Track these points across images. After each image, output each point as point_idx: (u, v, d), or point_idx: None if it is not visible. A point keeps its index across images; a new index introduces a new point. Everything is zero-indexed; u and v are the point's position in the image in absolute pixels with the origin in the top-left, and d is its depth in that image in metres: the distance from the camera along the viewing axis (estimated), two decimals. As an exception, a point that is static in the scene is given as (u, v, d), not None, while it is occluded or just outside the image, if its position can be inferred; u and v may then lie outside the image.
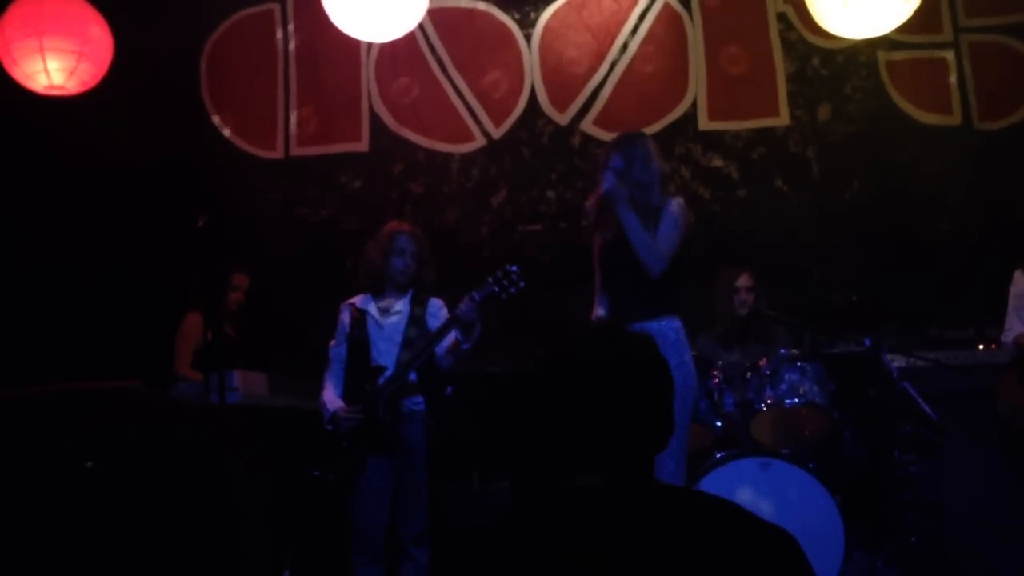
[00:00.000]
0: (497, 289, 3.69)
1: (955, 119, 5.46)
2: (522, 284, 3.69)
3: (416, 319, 3.94)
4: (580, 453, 1.42)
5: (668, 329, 3.59)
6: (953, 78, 5.47)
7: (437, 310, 3.98)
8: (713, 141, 5.54)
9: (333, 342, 4.02)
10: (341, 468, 3.80)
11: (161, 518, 1.08)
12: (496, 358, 4.96)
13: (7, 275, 5.37)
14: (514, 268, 3.70)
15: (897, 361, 4.29)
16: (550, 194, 5.57)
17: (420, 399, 3.90)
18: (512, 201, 5.60)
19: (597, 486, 1.39)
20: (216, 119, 5.74)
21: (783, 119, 5.51)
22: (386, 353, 3.90)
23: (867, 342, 4.16)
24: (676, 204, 3.63)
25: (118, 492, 1.07)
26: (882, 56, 5.50)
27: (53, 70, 4.73)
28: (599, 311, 3.76)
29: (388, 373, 3.84)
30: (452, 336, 3.78)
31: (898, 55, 5.51)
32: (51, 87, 4.81)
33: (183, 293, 4.97)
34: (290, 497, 4.08)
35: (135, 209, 5.41)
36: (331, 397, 3.91)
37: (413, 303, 3.97)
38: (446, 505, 4.41)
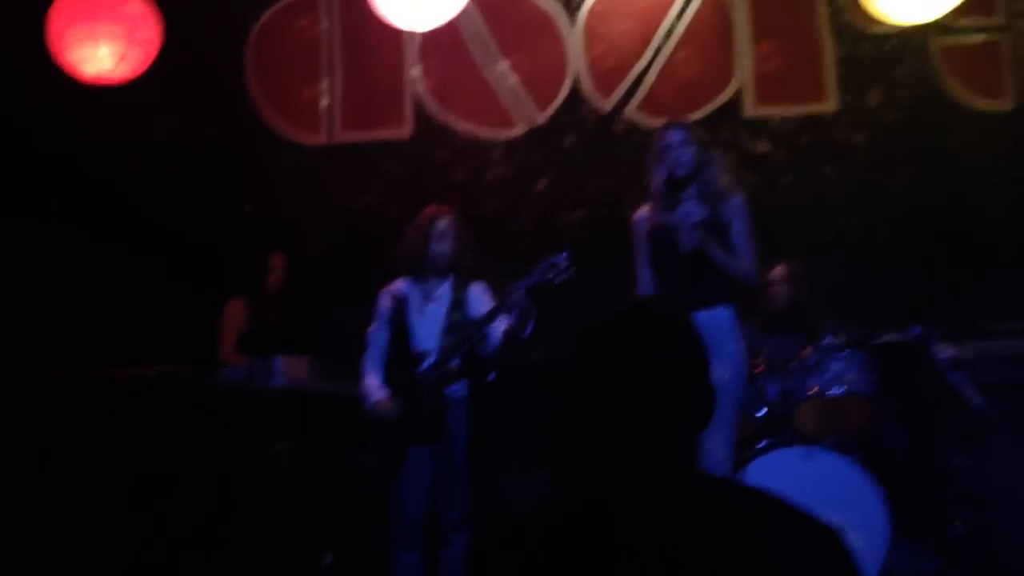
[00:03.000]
0: (549, 277, 3.69)
1: (1008, 104, 5.34)
2: (571, 272, 3.69)
3: (458, 304, 3.94)
4: (614, 437, 1.39)
5: (722, 317, 3.60)
6: (1007, 62, 5.35)
7: (479, 294, 3.98)
8: (759, 127, 5.47)
9: (373, 327, 4.04)
10: (382, 455, 3.83)
11: (207, 501, 1.09)
12: (538, 346, 4.96)
13: (54, 261, 5.47)
14: (562, 257, 3.70)
15: (944, 351, 4.22)
16: (593, 181, 5.56)
17: (461, 386, 3.92)
18: (554, 188, 5.59)
19: (633, 474, 1.37)
20: (259, 105, 5.79)
21: (831, 105, 5.43)
22: (427, 339, 3.91)
23: (914, 332, 4.10)
24: (742, 203, 3.70)
25: (165, 474, 1.09)
26: (934, 40, 5.40)
27: (102, 56, 4.79)
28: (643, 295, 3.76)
29: (431, 360, 3.86)
30: (503, 325, 3.77)
31: (950, 39, 5.40)
32: (100, 73, 4.88)
33: (226, 279, 5.03)
34: (331, 483, 4.12)
35: (180, 196, 5.47)
36: (373, 384, 3.93)
37: (455, 288, 3.97)
38: (487, 492, 4.43)
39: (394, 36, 5.64)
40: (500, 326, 3.77)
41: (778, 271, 4.65)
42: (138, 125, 5.44)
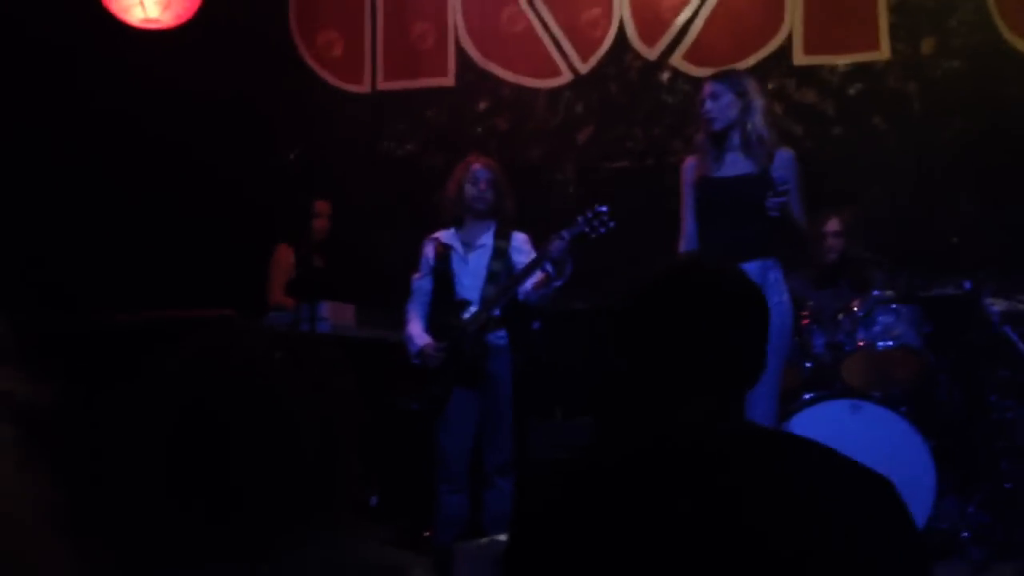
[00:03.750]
0: (587, 229, 3.72)
1: (1067, 54, 5.17)
2: (612, 224, 3.72)
3: (500, 253, 3.96)
4: (665, 388, 1.37)
5: (768, 269, 3.59)
6: (1068, 9, 5.17)
7: (521, 244, 3.99)
8: (808, 76, 5.35)
9: (417, 275, 4.07)
10: (427, 399, 3.87)
11: (264, 442, 1.09)
12: (581, 295, 4.93)
13: (103, 207, 5.52)
14: (604, 208, 3.73)
15: (997, 304, 4.14)
16: (637, 131, 5.48)
17: (504, 333, 3.95)
18: (598, 138, 5.52)
19: (683, 423, 1.35)
20: (302, 53, 5.76)
21: (883, 53, 5.28)
22: (470, 287, 3.94)
23: (966, 285, 4.02)
24: (791, 158, 3.68)
25: (222, 417, 1.08)
26: (990, -13, 5.22)
27: (149, 3, 4.78)
28: (687, 248, 3.74)
29: (473, 308, 3.87)
30: (540, 272, 3.82)
31: (1008, -14, 5.22)
32: (147, 20, 4.87)
33: (273, 225, 5.05)
34: (377, 426, 4.15)
35: (225, 143, 5.49)
36: (417, 331, 3.97)
37: (497, 237, 4.00)
38: (529, 438, 4.45)
39: (439, -17, 5.59)
40: (535, 276, 3.80)
41: (831, 224, 4.59)
42: (183, 73, 5.44)
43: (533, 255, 3.91)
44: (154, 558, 1.05)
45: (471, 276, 3.94)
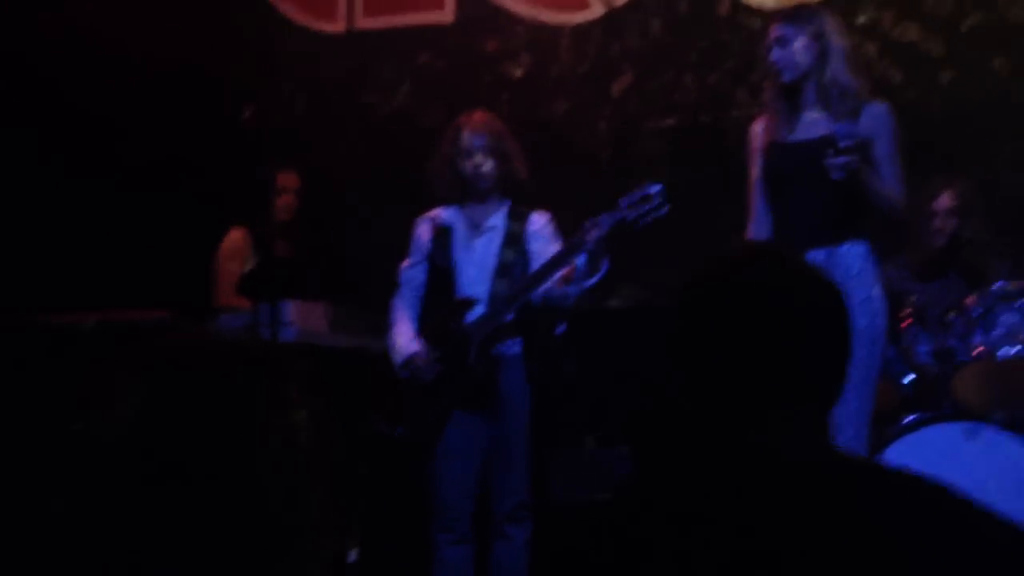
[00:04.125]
0: (632, 215, 3.69)
1: None
2: (664, 210, 3.70)
3: (514, 238, 3.97)
4: (728, 408, 1.40)
5: (852, 255, 3.61)
6: None
7: (541, 228, 3.99)
8: (909, 7, 5.33)
9: (407, 262, 4.07)
10: (419, 425, 3.87)
11: (213, 483, 1.09)
12: (618, 289, 4.92)
13: (14, 186, 5.55)
14: (656, 188, 3.72)
15: None
16: (688, 79, 5.48)
17: (517, 341, 3.95)
18: (639, 88, 5.54)
19: (750, 452, 1.38)
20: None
21: (1005, -24, 5.27)
22: (476, 281, 3.93)
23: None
24: (886, 112, 3.72)
25: (159, 456, 1.10)
26: None
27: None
28: (756, 232, 3.78)
29: (481, 311, 3.87)
30: (564, 269, 3.79)
31: None
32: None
33: (223, 205, 5.07)
34: (357, 461, 4.16)
35: (166, 102, 5.51)
36: (405, 335, 3.97)
37: (511, 218, 3.99)
38: (551, 474, 4.46)
39: None
40: (560, 271, 3.80)
41: (942, 199, 4.57)
42: (108, 22, 5.48)
43: (555, 242, 3.92)
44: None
45: (477, 267, 3.95)
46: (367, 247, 5.10)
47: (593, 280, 3.76)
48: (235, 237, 5.00)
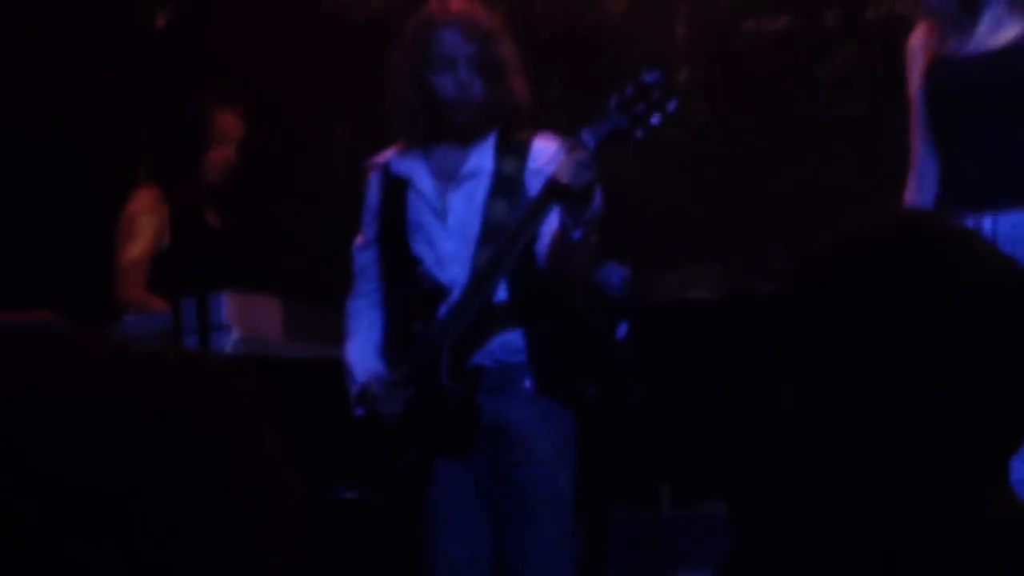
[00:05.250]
0: (624, 121, 3.64)
1: None
2: (672, 105, 3.66)
3: (507, 183, 3.93)
4: (866, 447, 1.45)
5: None
6: None
7: (545, 163, 3.86)
8: None
9: (359, 240, 4.09)
10: (387, 484, 3.85)
11: (120, 557, 1.09)
12: (700, 275, 4.91)
13: None
14: (653, 77, 3.68)
15: None
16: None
17: (520, 342, 3.88)
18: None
19: (904, 504, 1.42)
20: None
21: None
22: (456, 259, 3.90)
23: None
24: None
25: (30, 521, 1.09)
26: None
27: None
28: (918, 189, 3.83)
29: (456, 294, 3.83)
30: (550, 215, 3.73)
31: None
32: None
33: (131, 155, 5.08)
34: (322, 525, 4.17)
35: (46, 16, 5.52)
36: (360, 352, 3.98)
37: (501, 153, 3.94)
38: (612, 543, 4.45)
39: None
40: (551, 221, 3.76)
41: None
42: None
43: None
44: None
45: (454, 235, 3.92)
46: (336, 217, 5.11)
47: (580, 229, 3.69)
48: (144, 200, 5.00)
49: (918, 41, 3.88)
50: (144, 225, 4.95)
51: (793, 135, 5.24)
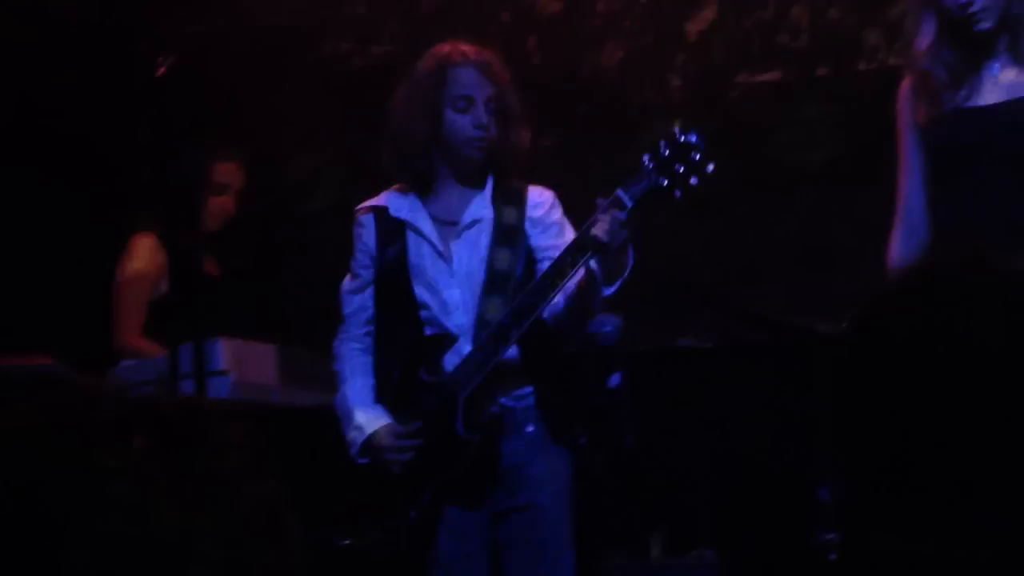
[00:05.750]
0: (663, 180, 3.64)
1: None
2: (710, 167, 3.65)
3: (508, 232, 3.91)
4: (889, 502, 1.43)
5: None
6: None
7: (546, 211, 3.91)
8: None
9: (348, 283, 4.02)
10: (394, 533, 3.85)
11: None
12: (692, 321, 4.91)
13: None
14: (692, 138, 3.66)
15: None
16: (798, 15, 5.50)
17: (527, 390, 3.87)
18: (726, 28, 5.56)
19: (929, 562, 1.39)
20: None
21: None
22: (460, 306, 3.87)
23: None
24: None
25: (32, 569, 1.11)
26: None
27: None
28: (907, 236, 3.78)
29: (467, 347, 3.81)
30: (579, 271, 3.70)
31: None
32: None
33: (128, 202, 5.09)
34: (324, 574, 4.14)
35: (50, 62, 5.53)
36: (360, 401, 3.93)
37: (499, 200, 3.93)
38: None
39: None
40: (574, 276, 3.74)
41: None
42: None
43: (568, 231, 3.85)
44: None
45: (459, 282, 3.89)
46: (333, 264, 5.10)
47: (615, 286, 3.69)
48: (143, 248, 4.98)
49: (908, 92, 3.83)
50: (143, 272, 4.94)
51: (785, 185, 5.24)
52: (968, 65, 3.72)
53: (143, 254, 4.96)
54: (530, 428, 3.85)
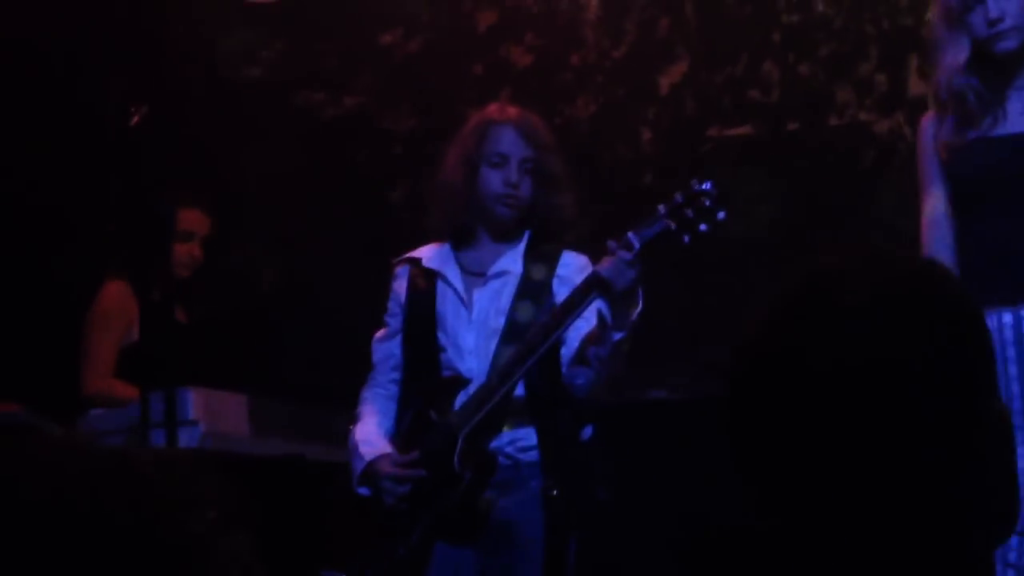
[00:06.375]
0: (674, 226, 3.67)
1: None
2: (722, 215, 3.68)
3: (533, 287, 3.93)
4: (835, 546, 1.39)
5: None
6: None
7: (575, 272, 3.91)
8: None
9: (380, 332, 4.06)
10: (385, 567, 3.84)
11: None
12: (660, 373, 4.91)
13: None
14: (707, 186, 3.69)
15: None
16: (769, 69, 5.52)
17: (532, 440, 3.88)
18: (696, 81, 5.57)
19: None
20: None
21: None
22: (474, 351, 3.91)
23: None
24: None
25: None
26: None
27: None
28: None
29: (475, 386, 3.85)
30: (590, 320, 3.74)
31: None
32: None
33: (99, 250, 5.08)
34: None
35: (17, 109, 5.52)
36: (370, 433, 3.95)
37: (530, 258, 3.98)
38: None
39: None
40: (583, 324, 3.77)
41: None
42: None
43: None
44: None
45: (478, 330, 3.93)
46: (308, 313, 5.09)
47: (624, 331, 3.69)
48: (114, 293, 4.98)
49: (931, 123, 3.80)
50: (113, 318, 4.93)
51: (757, 238, 5.25)
52: (993, 91, 3.70)
53: (114, 298, 4.95)
54: (534, 484, 3.86)
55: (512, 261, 3.95)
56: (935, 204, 3.76)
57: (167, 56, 5.66)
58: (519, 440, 3.86)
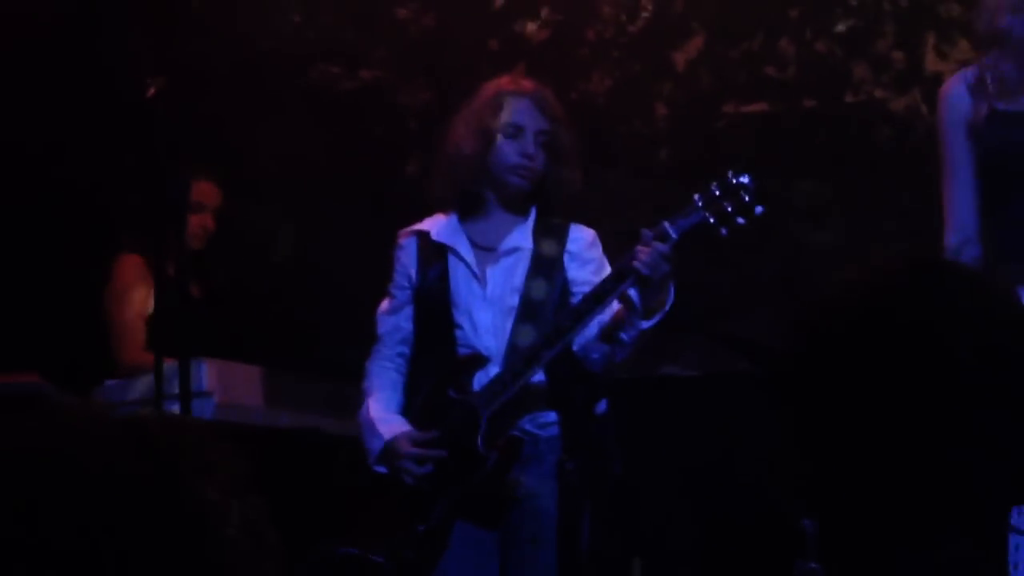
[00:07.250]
0: (712, 219, 3.67)
1: None
2: (760, 209, 3.67)
3: (545, 263, 3.93)
4: (886, 524, 1.42)
5: None
6: None
7: (584, 247, 3.95)
8: None
9: (385, 304, 4.05)
10: (404, 546, 3.85)
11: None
12: (676, 350, 4.90)
13: None
14: (744, 179, 3.67)
15: None
16: (785, 46, 5.52)
17: (551, 417, 3.90)
18: (713, 57, 5.57)
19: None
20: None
21: None
22: (491, 329, 3.90)
23: None
24: None
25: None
26: None
27: None
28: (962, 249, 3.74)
29: (496, 369, 3.85)
30: (615, 304, 3.73)
31: None
32: None
33: (112, 222, 5.09)
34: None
35: (33, 84, 5.52)
36: (384, 412, 3.94)
37: (540, 233, 3.98)
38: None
39: None
40: (608, 309, 3.76)
41: None
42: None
43: (605, 269, 3.87)
44: None
45: (491, 307, 3.92)
46: (320, 286, 5.09)
47: (655, 319, 3.71)
48: (130, 266, 5.00)
49: (957, 94, 3.77)
50: (134, 290, 4.94)
51: (771, 215, 5.24)
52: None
53: (132, 271, 4.96)
54: (552, 458, 3.86)
55: (523, 237, 3.94)
56: (958, 203, 3.72)
57: (184, 29, 5.66)
58: (539, 417, 3.87)
